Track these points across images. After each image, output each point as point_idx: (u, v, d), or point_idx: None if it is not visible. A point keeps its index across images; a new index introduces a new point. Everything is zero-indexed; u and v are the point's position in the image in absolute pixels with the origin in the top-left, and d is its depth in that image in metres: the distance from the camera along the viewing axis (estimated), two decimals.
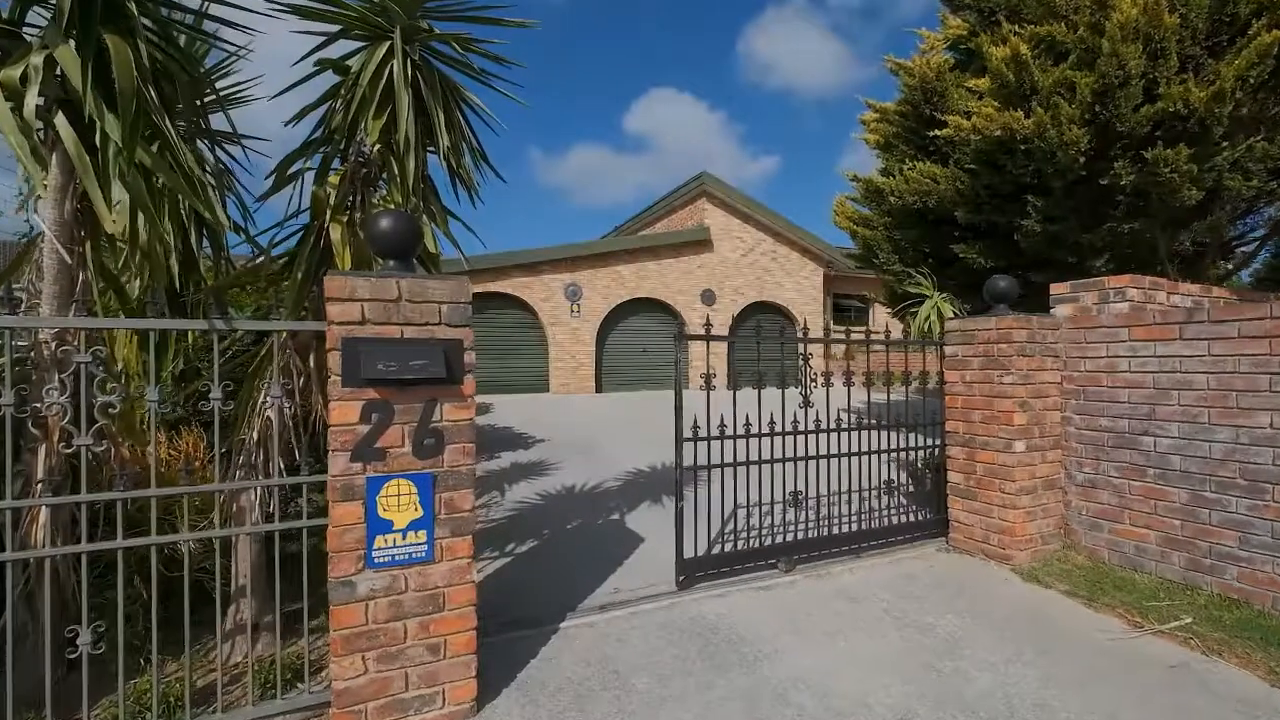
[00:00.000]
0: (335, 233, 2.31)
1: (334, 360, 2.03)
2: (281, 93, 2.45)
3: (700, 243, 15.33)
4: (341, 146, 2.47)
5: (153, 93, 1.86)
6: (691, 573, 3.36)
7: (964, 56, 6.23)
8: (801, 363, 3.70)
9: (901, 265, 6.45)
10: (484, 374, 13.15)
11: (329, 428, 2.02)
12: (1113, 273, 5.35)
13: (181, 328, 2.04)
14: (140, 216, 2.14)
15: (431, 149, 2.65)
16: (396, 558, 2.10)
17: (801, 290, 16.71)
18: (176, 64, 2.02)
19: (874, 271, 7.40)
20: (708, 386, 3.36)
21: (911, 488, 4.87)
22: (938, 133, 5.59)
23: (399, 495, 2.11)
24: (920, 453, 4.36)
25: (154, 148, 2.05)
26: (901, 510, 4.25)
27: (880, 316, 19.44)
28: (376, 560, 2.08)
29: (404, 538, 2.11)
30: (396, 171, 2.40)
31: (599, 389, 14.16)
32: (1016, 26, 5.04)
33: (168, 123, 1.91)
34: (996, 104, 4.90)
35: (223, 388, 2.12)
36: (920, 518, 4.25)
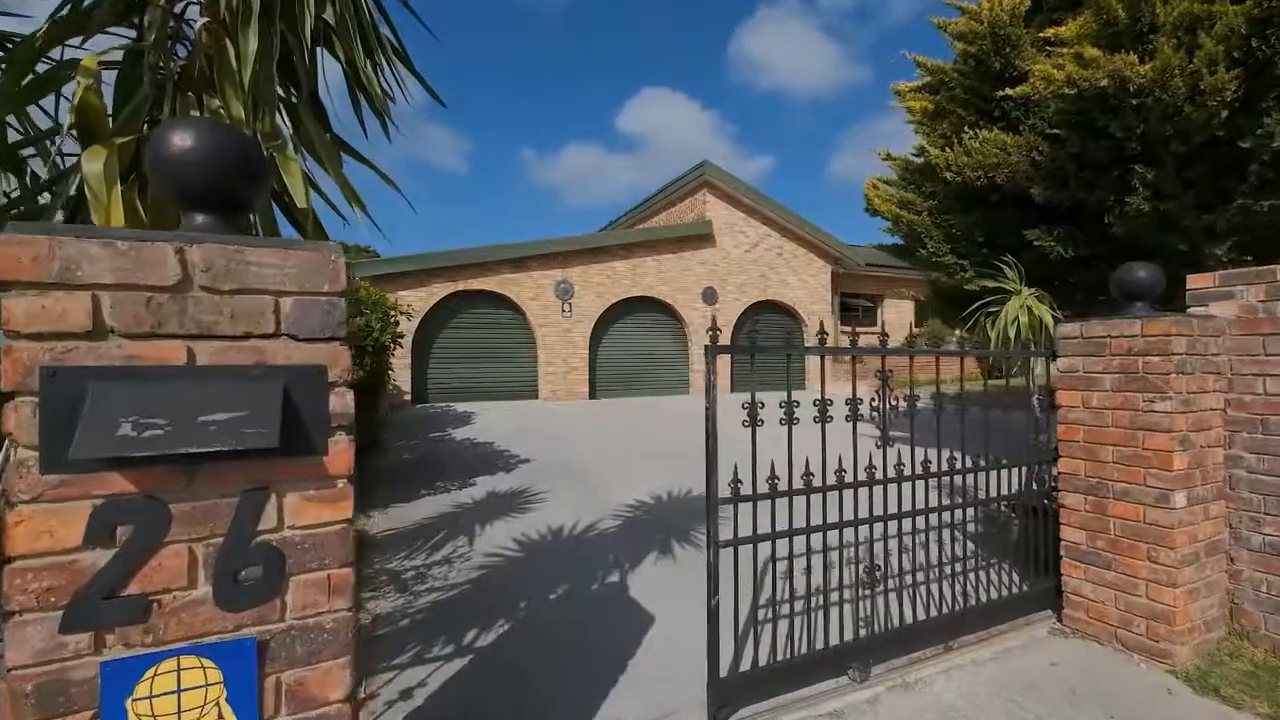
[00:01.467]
0: (93, 164, 1.22)
1: (17, 417, 0.94)
2: None
3: (702, 237, 14.27)
4: (136, 20, 1.39)
5: None
6: (730, 698, 2.29)
7: (1031, 4, 5.20)
8: (880, 385, 2.64)
9: (955, 256, 5.42)
10: (466, 380, 12.04)
11: (6, 563, 0.94)
12: (1233, 264, 4.30)
13: None
14: None
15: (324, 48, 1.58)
16: None
17: (809, 289, 15.68)
18: None
19: (917, 266, 6.35)
20: (753, 423, 2.28)
21: (974, 526, 3.82)
22: (1009, 92, 4.55)
23: (182, 691, 1.03)
24: (1000, 488, 3.25)
25: None
26: (991, 571, 3.22)
27: (889, 316, 18.47)
28: None
29: None
30: (233, 58, 1.32)
31: (592, 395, 13.08)
32: None
33: None
34: (1098, 49, 3.86)
35: None
36: (1019, 586, 3.21)
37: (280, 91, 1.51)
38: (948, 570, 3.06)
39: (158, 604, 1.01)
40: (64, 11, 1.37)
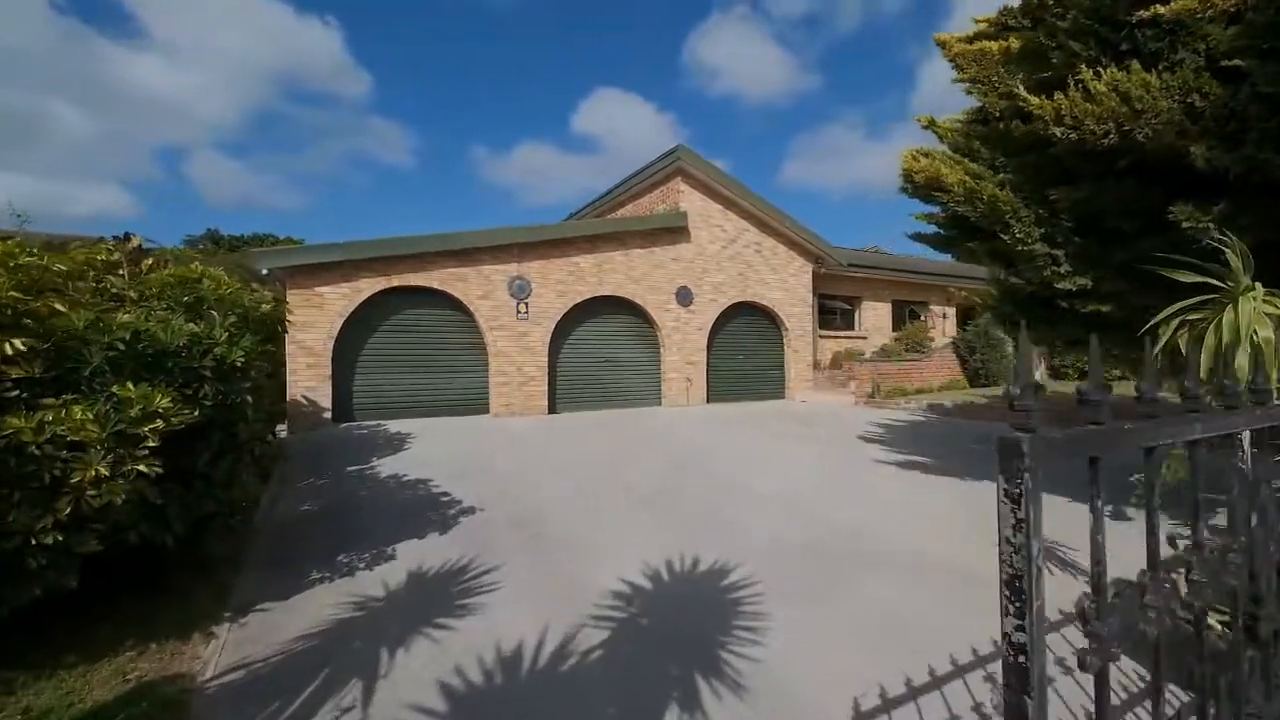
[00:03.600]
0: None
1: None
2: None
3: (675, 230, 12.81)
4: None
5: None
6: None
7: None
8: (1187, 471, 1.18)
9: (1046, 245, 4.11)
10: (402, 393, 10.16)
11: None
12: None
13: None
14: None
15: None
16: None
17: (789, 289, 14.45)
18: None
19: (975, 260, 5.03)
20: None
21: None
22: (1159, 10, 3.23)
23: None
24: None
25: None
26: None
27: (867, 319, 17.51)
28: None
29: None
30: None
31: (552, 409, 11.40)
32: None
33: None
34: None
35: None
36: None
37: None
38: None
39: None
40: None
